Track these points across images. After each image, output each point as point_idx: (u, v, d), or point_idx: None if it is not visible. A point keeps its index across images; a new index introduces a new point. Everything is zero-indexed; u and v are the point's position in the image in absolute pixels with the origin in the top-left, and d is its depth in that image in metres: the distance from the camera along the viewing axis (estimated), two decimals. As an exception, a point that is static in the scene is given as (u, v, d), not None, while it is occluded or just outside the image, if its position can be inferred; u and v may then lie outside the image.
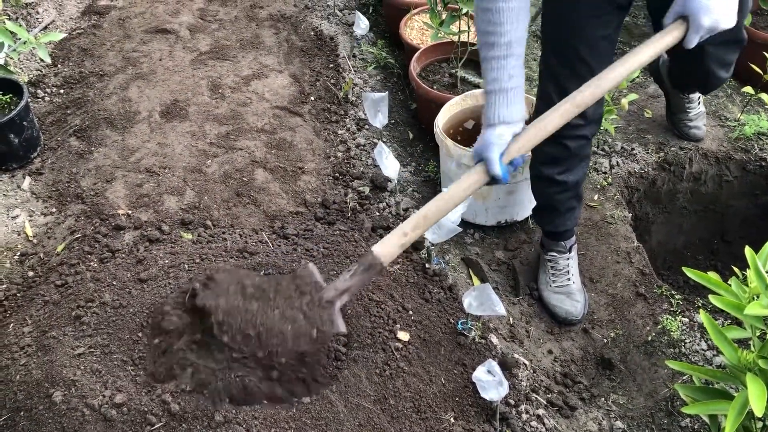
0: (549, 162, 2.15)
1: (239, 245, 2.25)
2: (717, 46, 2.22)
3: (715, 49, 2.22)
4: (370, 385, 1.82)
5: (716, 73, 2.29)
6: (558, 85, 1.99)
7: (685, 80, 2.67)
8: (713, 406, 1.29)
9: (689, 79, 2.59)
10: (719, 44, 2.22)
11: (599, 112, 2.08)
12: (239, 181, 2.56)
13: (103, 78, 3.12)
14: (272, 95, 3.03)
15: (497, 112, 1.67)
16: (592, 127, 2.10)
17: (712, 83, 2.40)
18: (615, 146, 2.88)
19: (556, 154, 2.12)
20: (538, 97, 2.11)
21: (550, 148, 2.11)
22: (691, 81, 2.59)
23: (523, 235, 2.61)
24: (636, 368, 2.20)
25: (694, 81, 2.55)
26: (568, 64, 1.96)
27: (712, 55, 2.24)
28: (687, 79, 2.62)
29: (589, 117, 2.03)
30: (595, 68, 1.96)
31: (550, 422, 1.91)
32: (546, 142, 2.11)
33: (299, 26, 3.53)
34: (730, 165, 2.85)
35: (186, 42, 3.38)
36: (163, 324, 1.82)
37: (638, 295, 2.36)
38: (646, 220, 2.86)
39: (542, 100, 2.06)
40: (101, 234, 2.30)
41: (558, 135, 2.05)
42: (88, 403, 1.68)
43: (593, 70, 1.95)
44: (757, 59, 2.84)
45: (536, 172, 2.23)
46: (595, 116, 2.06)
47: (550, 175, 2.17)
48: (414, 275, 2.24)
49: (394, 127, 3.09)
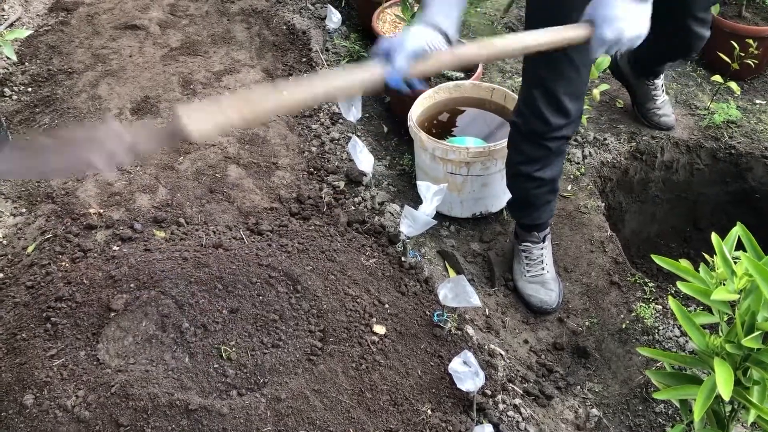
0: (526, 161, 2.13)
1: (213, 241, 2.23)
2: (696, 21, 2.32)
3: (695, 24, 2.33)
4: (346, 380, 1.82)
5: (699, 33, 2.38)
6: (545, 88, 1.95)
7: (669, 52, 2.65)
8: (683, 391, 1.31)
9: (673, 48, 2.58)
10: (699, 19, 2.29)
11: (580, 110, 2.06)
12: (212, 177, 2.54)
13: (72, 75, 3.08)
14: (244, 90, 3.01)
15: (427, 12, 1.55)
16: (573, 126, 2.07)
17: (697, 44, 2.45)
18: (587, 136, 2.90)
19: (536, 154, 2.10)
20: (521, 101, 2.07)
21: (530, 149, 2.10)
22: (676, 49, 2.59)
23: (497, 227, 2.62)
24: (611, 356, 2.23)
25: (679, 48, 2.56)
26: (555, 67, 1.92)
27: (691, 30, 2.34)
28: (671, 50, 2.61)
29: (572, 115, 2.01)
30: (583, 71, 1.96)
31: (527, 411, 1.92)
32: (526, 143, 2.09)
33: (271, 21, 3.51)
34: (701, 153, 2.88)
35: (156, 38, 3.34)
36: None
37: (612, 283, 2.38)
38: (620, 209, 2.88)
39: (527, 106, 2.03)
40: (72, 233, 2.27)
41: (539, 136, 2.05)
42: (60, 404, 1.66)
43: (580, 72, 1.95)
44: (726, 48, 2.87)
45: (514, 171, 2.22)
46: (576, 115, 2.03)
47: (528, 173, 2.14)
48: (390, 269, 2.24)
49: (368, 121, 3.08)
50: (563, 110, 1.98)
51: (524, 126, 2.07)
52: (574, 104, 1.99)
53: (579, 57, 1.90)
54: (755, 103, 3.07)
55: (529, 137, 2.08)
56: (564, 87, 1.94)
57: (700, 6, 2.31)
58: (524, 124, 2.07)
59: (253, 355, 1.83)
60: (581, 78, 1.96)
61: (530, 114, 2.02)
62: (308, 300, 2.01)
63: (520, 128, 2.10)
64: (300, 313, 1.98)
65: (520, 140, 2.12)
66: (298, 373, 1.80)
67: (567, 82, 1.93)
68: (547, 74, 1.94)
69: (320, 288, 2.04)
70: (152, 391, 1.68)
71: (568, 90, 1.95)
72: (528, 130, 2.06)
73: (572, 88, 1.96)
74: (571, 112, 1.99)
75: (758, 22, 3.13)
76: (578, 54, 1.89)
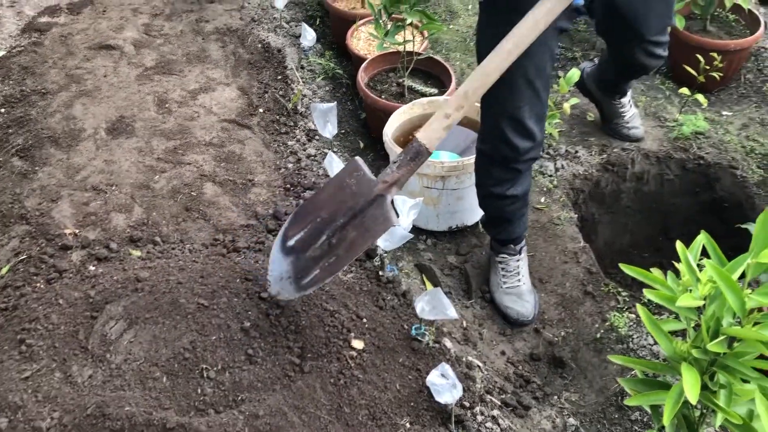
0: (498, 183, 2.17)
1: (191, 259, 2.23)
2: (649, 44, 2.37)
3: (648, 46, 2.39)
4: (324, 395, 1.82)
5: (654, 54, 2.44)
6: (510, 115, 1.99)
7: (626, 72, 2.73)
8: (653, 397, 1.34)
9: (629, 68, 2.65)
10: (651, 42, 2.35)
11: (544, 131, 2.11)
12: (188, 195, 2.54)
13: (45, 96, 3.07)
14: (220, 108, 3.02)
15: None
16: (539, 148, 2.12)
17: (652, 64, 2.53)
18: (559, 149, 2.95)
19: (507, 177, 2.14)
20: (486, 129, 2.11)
21: (501, 173, 2.14)
22: (632, 69, 2.65)
23: (474, 240, 2.65)
24: (586, 365, 2.26)
25: (635, 69, 2.63)
26: (518, 92, 1.95)
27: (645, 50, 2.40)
28: (628, 70, 2.68)
29: (537, 138, 2.06)
30: (542, 94, 2.01)
31: (505, 422, 1.94)
32: (496, 167, 2.13)
33: (246, 39, 3.53)
34: (671, 164, 2.94)
35: (131, 57, 3.34)
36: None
37: (586, 293, 2.42)
38: (592, 220, 2.93)
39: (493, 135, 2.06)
40: (47, 254, 2.25)
41: (510, 161, 2.10)
42: (35, 426, 1.65)
43: (540, 95, 2.00)
44: (692, 62, 2.95)
45: (485, 192, 2.25)
46: (541, 136, 2.09)
47: (501, 193, 2.18)
48: (368, 283, 2.25)
49: (344, 137, 3.11)
50: (529, 134, 2.04)
51: (493, 153, 2.11)
52: (538, 126, 2.05)
53: (539, 81, 1.95)
54: (722, 115, 3.15)
55: (498, 163, 2.12)
56: (528, 111, 1.99)
57: (652, 30, 2.36)
58: (492, 151, 2.11)
59: (231, 372, 1.83)
60: (541, 101, 2.02)
61: (498, 141, 2.06)
62: (287, 316, 2.02)
63: (488, 155, 2.14)
64: (279, 330, 1.98)
65: (490, 165, 2.16)
66: (276, 390, 1.80)
67: (530, 106, 1.98)
68: (511, 101, 1.97)
69: (298, 304, 2.05)
70: (129, 410, 1.67)
71: (532, 113, 2.00)
72: (498, 157, 2.10)
73: (535, 111, 2.01)
74: (536, 134, 2.05)
75: (722, 36, 3.22)
76: (538, 78, 1.94)
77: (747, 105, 3.20)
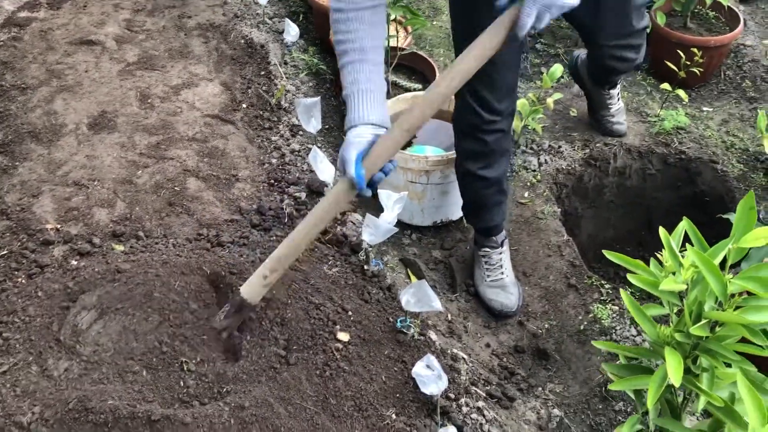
0: (470, 157, 2.24)
1: (175, 253, 2.21)
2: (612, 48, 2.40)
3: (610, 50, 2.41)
4: (310, 387, 1.82)
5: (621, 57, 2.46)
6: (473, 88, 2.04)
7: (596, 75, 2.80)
8: (636, 381, 1.35)
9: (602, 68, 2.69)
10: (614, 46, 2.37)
11: (512, 107, 2.17)
12: (171, 190, 2.52)
13: (25, 91, 3.03)
14: (203, 104, 3.00)
15: (357, 112, 1.62)
16: (508, 121, 2.18)
17: (621, 67, 2.56)
18: (543, 144, 2.97)
19: (475, 148, 2.21)
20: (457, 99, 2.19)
21: (469, 143, 2.22)
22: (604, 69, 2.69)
23: (458, 234, 2.66)
24: (570, 357, 2.27)
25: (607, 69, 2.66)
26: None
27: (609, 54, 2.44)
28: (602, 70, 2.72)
29: (504, 112, 2.12)
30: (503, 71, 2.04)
31: (490, 414, 1.95)
32: (467, 139, 2.21)
33: (229, 35, 3.51)
34: (653, 159, 2.97)
35: (113, 53, 3.31)
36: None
37: (570, 286, 2.44)
38: (575, 214, 2.95)
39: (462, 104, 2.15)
40: (29, 249, 2.23)
41: (476, 129, 2.16)
42: (16, 421, 1.62)
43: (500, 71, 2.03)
44: (673, 58, 2.98)
45: (461, 170, 2.32)
46: (508, 110, 2.15)
47: (473, 171, 2.25)
48: (353, 277, 2.25)
49: (328, 132, 3.10)
50: (492, 109, 2.10)
51: (462, 121, 2.20)
52: (503, 102, 2.10)
53: (498, 57, 1.86)
54: (702, 110, 3.19)
55: (467, 132, 2.20)
56: (488, 86, 2.05)
57: (610, 38, 2.37)
58: (461, 119, 2.20)
59: (214, 364, 1.82)
60: (503, 78, 2.05)
61: (464, 109, 2.15)
62: (272, 309, 2.01)
63: (458, 124, 2.23)
64: (264, 323, 1.97)
65: (462, 138, 2.24)
66: (262, 381, 1.79)
67: (490, 82, 2.03)
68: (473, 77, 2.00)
69: (284, 297, 2.04)
70: (112, 404, 1.65)
71: (493, 88, 2.06)
72: (465, 124, 2.18)
73: (496, 86, 2.06)
74: (499, 109, 2.11)
75: (702, 32, 3.26)
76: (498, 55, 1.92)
77: (727, 101, 3.24)
